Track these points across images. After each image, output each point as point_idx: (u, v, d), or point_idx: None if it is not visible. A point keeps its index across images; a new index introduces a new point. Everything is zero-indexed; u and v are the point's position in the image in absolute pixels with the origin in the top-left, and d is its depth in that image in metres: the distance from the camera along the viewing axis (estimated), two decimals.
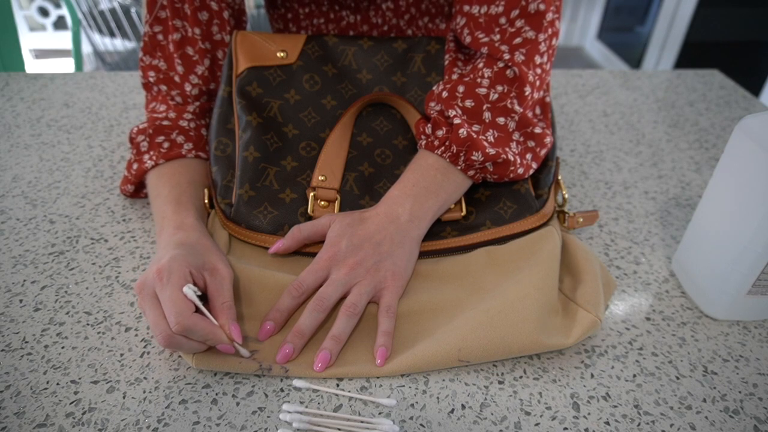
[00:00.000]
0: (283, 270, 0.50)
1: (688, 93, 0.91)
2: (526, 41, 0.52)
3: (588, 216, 0.56)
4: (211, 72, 0.61)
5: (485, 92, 0.51)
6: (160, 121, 0.58)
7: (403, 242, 0.49)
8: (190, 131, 0.58)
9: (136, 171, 0.57)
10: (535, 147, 0.54)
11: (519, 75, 0.51)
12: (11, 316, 0.47)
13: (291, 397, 0.42)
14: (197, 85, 0.60)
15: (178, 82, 0.59)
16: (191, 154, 0.57)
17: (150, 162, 0.56)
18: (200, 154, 0.58)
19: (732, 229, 0.45)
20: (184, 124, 0.59)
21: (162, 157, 0.56)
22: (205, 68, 0.60)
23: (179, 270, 0.42)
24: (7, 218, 0.59)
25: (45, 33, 3.04)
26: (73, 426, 0.39)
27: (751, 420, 0.41)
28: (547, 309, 0.45)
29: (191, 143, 0.58)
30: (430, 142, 0.52)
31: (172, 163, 0.56)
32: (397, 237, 0.48)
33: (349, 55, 0.60)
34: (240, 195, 0.52)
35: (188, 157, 0.57)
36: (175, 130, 0.58)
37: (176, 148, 0.57)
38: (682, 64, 2.66)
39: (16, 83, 0.87)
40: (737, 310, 0.49)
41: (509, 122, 0.52)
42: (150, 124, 0.58)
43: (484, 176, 0.52)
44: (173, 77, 0.59)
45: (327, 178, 0.54)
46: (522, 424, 0.40)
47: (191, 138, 0.58)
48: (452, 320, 0.45)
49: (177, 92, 0.60)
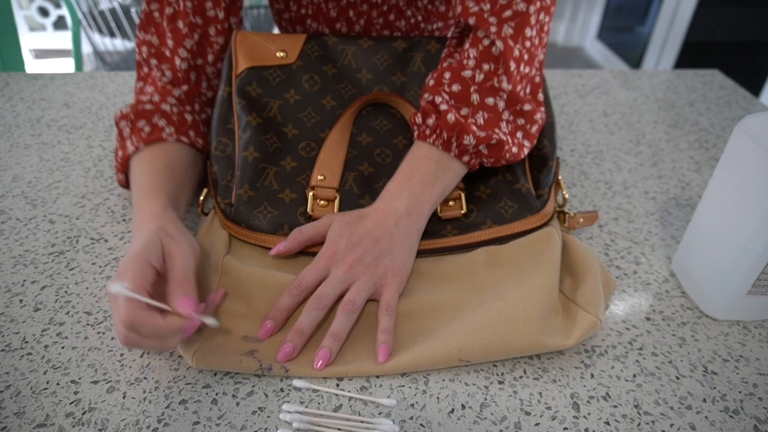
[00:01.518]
0: (283, 270, 0.50)
1: (688, 93, 0.91)
2: (516, 14, 0.51)
3: (588, 216, 0.56)
4: (199, 47, 0.60)
5: (471, 74, 0.51)
6: (143, 105, 0.58)
7: (403, 237, 0.49)
8: (172, 115, 0.58)
9: (121, 158, 0.56)
10: (526, 125, 0.53)
11: (504, 51, 0.50)
12: (11, 316, 0.47)
13: (291, 397, 0.42)
14: (186, 59, 0.59)
15: (168, 56, 0.59)
16: (172, 138, 0.56)
17: (131, 147, 0.55)
18: (182, 138, 0.57)
19: (732, 229, 0.45)
20: (167, 108, 0.58)
21: (142, 141, 0.55)
22: (194, 42, 0.60)
23: (134, 267, 0.41)
24: (7, 218, 0.59)
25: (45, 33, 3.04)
26: (73, 426, 0.39)
27: (751, 420, 0.41)
28: (548, 309, 0.45)
29: (173, 127, 0.57)
30: (421, 131, 0.52)
31: (152, 148, 0.55)
32: (396, 232, 0.48)
33: (349, 55, 0.60)
34: (240, 195, 0.52)
35: (168, 141, 0.56)
36: (157, 114, 0.57)
37: (157, 132, 0.56)
38: (682, 64, 2.66)
39: (16, 83, 0.87)
40: (737, 310, 0.49)
41: (498, 101, 0.52)
42: (132, 108, 0.57)
43: (480, 161, 0.52)
44: (164, 52, 0.59)
45: (326, 177, 0.54)
46: (522, 424, 0.40)
47: (173, 122, 0.57)
48: (453, 320, 0.45)
49: (167, 66, 0.59)
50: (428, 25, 0.70)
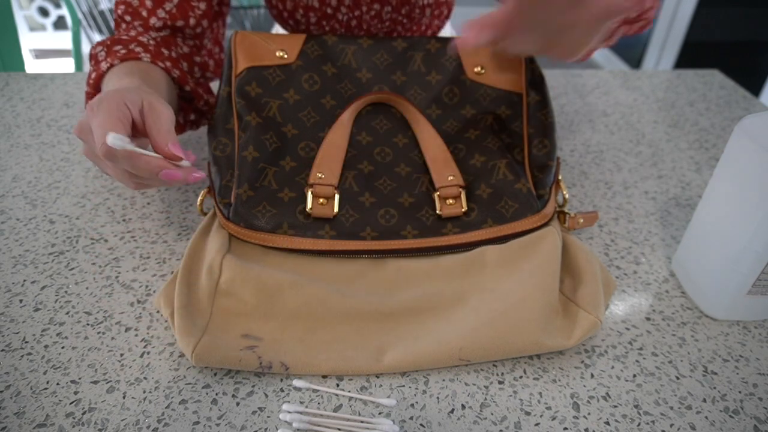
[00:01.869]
0: (283, 269, 0.50)
1: (688, 93, 0.91)
2: None
3: (588, 217, 0.56)
4: (180, 9, 0.61)
5: None
6: (120, 36, 0.58)
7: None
8: (149, 46, 0.58)
9: (93, 80, 0.55)
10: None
11: None
12: (11, 316, 0.47)
13: (291, 397, 0.42)
14: (162, 19, 0.60)
15: (144, 16, 0.60)
16: (147, 59, 0.56)
17: (105, 65, 0.54)
18: (158, 63, 0.57)
19: (732, 229, 0.45)
20: (144, 39, 0.58)
21: (117, 58, 0.55)
22: (173, 5, 0.60)
23: (111, 99, 0.41)
24: (7, 218, 0.59)
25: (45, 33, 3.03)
26: (73, 426, 0.39)
27: (751, 420, 0.41)
28: (548, 310, 0.45)
29: (149, 54, 0.57)
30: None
31: (127, 63, 0.55)
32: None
33: (349, 55, 0.60)
34: (239, 195, 0.52)
35: (144, 60, 0.56)
36: (134, 43, 0.57)
37: (133, 54, 0.56)
38: (682, 64, 2.66)
39: (16, 83, 0.87)
40: (737, 310, 0.49)
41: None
42: (109, 38, 0.58)
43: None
44: (141, 12, 0.60)
45: (325, 175, 0.54)
46: (522, 424, 0.40)
47: (149, 50, 0.57)
48: (453, 319, 0.45)
49: (139, 23, 0.60)
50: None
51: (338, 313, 0.46)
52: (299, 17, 0.69)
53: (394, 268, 0.51)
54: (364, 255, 0.52)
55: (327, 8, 0.67)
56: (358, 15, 0.69)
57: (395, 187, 0.55)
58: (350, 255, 0.52)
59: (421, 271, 0.51)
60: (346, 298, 0.47)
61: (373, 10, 0.68)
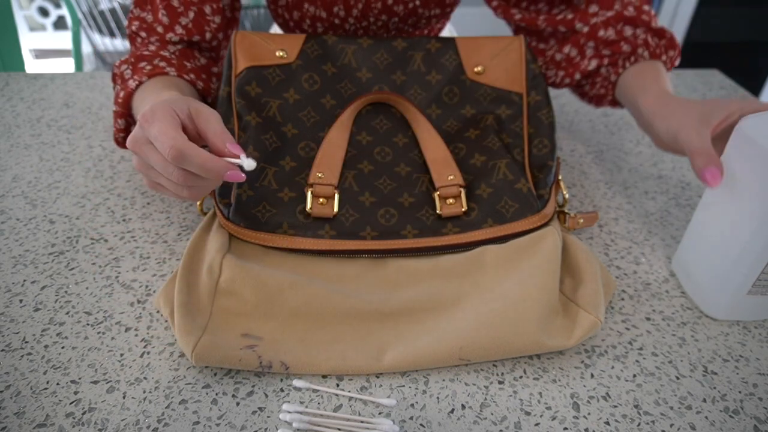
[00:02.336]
0: (283, 269, 0.50)
1: (688, 93, 0.91)
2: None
3: (588, 217, 0.56)
4: (195, 24, 0.61)
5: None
6: (141, 51, 0.59)
7: None
8: (172, 59, 0.58)
9: (123, 98, 0.56)
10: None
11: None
12: (11, 316, 0.47)
13: (291, 397, 0.42)
14: (180, 35, 0.60)
15: (160, 32, 0.60)
16: (173, 73, 0.57)
17: (133, 82, 0.55)
18: (183, 75, 0.58)
19: (732, 228, 0.45)
20: (166, 53, 0.59)
21: (145, 75, 0.55)
22: (189, 20, 0.60)
23: (163, 108, 0.41)
24: (7, 218, 0.59)
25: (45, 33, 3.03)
26: (73, 426, 0.39)
27: (751, 420, 0.41)
28: (548, 309, 0.45)
29: (174, 68, 0.57)
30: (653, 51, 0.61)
31: (156, 79, 0.55)
32: None
33: (349, 54, 0.60)
34: (239, 194, 0.52)
35: (171, 74, 0.57)
36: (157, 58, 0.58)
37: (159, 69, 0.56)
38: (682, 64, 2.66)
39: (16, 83, 0.87)
40: (737, 310, 0.49)
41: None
42: (132, 54, 0.58)
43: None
44: (156, 28, 0.60)
45: (325, 175, 0.54)
46: (522, 424, 0.40)
47: (173, 64, 0.58)
48: (453, 319, 0.45)
49: (156, 38, 0.60)
50: (426, 11, 0.70)
51: (338, 312, 0.46)
52: (306, 27, 0.69)
53: (394, 268, 0.51)
54: (364, 255, 0.52)
55: (335, 19, 0.67)
56: (365, 25, 0.69)
57: (395, 186, 0.55)
58: (350, 255, 0.52)
59: (421, 270, 0.51)
60: (346, 297, 0.47)
61: (381, 21, 0.68)
